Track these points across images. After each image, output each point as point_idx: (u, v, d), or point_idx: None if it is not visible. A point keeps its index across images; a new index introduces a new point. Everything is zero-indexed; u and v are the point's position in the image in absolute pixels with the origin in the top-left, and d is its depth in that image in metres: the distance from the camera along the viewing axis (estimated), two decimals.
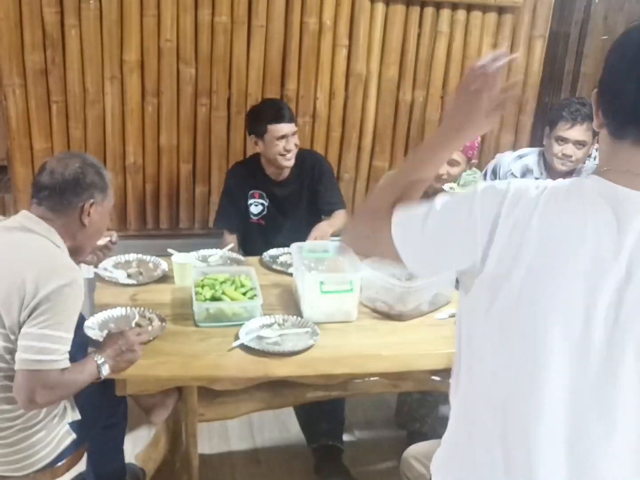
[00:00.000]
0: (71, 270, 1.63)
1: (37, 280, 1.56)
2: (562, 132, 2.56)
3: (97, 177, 1.75)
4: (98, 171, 1.77)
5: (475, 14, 3.21)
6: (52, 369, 1.56)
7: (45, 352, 1.54)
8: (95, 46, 2.83)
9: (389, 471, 2.49)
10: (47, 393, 1.56)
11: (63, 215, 1.71)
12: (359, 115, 3.24)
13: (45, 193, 1.70)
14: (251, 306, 1.99)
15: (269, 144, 2.61)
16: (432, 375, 2.12)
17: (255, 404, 2.03)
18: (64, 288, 1.56)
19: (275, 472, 2.46)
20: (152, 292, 2.16)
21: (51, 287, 1.55)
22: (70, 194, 1.70)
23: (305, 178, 2.78)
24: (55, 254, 1.66)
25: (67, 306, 1.58)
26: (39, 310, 1.54)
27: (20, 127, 2.88)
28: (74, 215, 1.72)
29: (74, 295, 1.60)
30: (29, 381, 1.55)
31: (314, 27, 3.03)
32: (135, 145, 3.02)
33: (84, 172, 1.72)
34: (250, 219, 2.78)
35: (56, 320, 1.56)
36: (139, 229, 3.17)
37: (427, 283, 2.12)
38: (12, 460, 1.68)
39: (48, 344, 1.55)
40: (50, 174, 1.70)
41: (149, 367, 1.77)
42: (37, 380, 1.54)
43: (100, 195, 1.76)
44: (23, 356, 1.54)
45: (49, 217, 1.70)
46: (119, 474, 2.10)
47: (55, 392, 1.59)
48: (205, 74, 2.99)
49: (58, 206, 1.70)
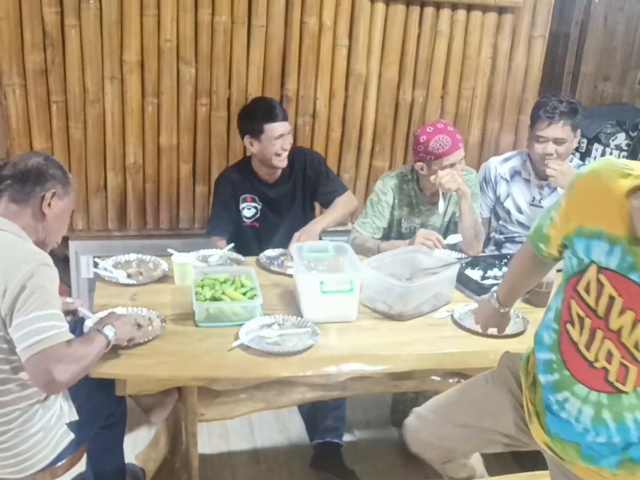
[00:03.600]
0: (36, 253, 1.64)
1: (6, 274, 1.56)
2: (541, 132, 2.56)
3: (60, 172, 1.78)
4: (61, 167, 1.80)
5: (475, 14, 3.21)
6: (55, 343, 1.55)
7: (43, 331, 1.54)
8: (95, 46, 2.83)
9: (388, 471, 2.49)
10: (62, 368, 1.54)
11: (25, 206, 1.71)
12: (358, 115, 3.23)
13: (7, 182, 1.71)
14: (251, 306, 1.99)
15: (265, 144, 2.58)
16: (432, 375, 2.12)
17: (255, 404, 2.03)
18: (35, 271, 1.57)
19: (275, 472, 2.46)
20: (152, 292, 2.16)
21: (21, 275, 1.55)
22: (32, 182, 1.71)
23: (297, 178, 2.75)
24: (17, 243, 1.67)
25: (45, 285, 1.59)
26: (20, 300, 1.55)
27: (20, 127, 2.88)
28: (35, 205, 1.72)
29: (48, 275, 1.61)
30: (39, 363, 1.53)
31: (314, 27, 3.03)
32: (135, 145, 3.02)
33: (48, 164, 1.76)
34: (244, 222, 2.75)
35: (41, 301, 1.56)
36: (139, 229, 3.17)
37: (427, 283, 2.12)
38: (11, 463, 1.68)
39: (42, 323, 1.55)
40: (13, 166, 1.73)
41: (149, 367, 1.77)
42: (46, 359, 1.53)
43: (62, 190, 1.77)
44: (23, 345, 1.54)
45: (12, 211, 1.70)
46: (118, 474, 2.10)
47: (70, 365, 1.56)
48: (205, 74, 2.99)
49: (19, 195, 1.70)
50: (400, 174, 2.65)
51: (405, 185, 2.62)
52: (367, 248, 2.52)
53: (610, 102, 4.20)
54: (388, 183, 2.62)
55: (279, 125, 2.57)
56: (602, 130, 4.04)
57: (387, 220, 2.63)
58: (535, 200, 2.74)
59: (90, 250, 3.07)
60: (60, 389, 1.65)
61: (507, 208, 2.78)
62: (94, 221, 3.09)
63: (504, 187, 2.77)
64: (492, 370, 1.76)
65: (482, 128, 3.45)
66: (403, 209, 2.63)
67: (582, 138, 4.06)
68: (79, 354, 1.59)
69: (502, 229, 2.83)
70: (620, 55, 4.12)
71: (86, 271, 3.05)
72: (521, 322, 2.07)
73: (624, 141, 4.09)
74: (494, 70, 3.35)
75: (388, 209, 2.61)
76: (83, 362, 1.60)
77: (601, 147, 4.07)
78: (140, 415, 2.14)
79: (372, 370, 1.94)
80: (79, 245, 3.09)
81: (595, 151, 4.06)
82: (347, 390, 2.09)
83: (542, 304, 2.20)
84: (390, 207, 2.62)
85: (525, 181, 2.74)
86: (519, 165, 2.76)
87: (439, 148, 2.42)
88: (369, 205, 2.63)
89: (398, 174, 2.65)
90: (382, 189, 2.62)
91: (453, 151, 2.43)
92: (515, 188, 2.75)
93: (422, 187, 2.61)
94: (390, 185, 2.61)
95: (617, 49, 4.10)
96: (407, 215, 2.64)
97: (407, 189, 2.62)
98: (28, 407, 1.67)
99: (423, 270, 2.23)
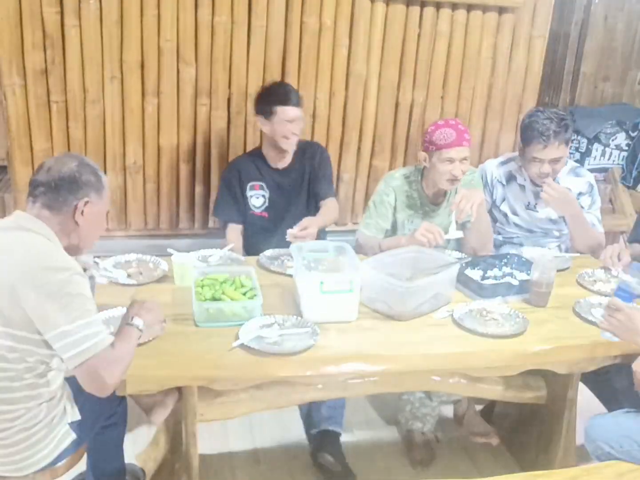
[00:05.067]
0: (69, 262, 1.64)
1: (38, 278, 1.56)
2: (537, 153, 2.52)
3: (94, 177, 1.75)
4: (95, 172, 1.77)
5: (475, 14, 3.21)
6: (102, 349, 1.58)
7: (89, 339, 1.57)
8: (95, 46, 2.83)
9: (389, 471, 2.49)
10: (112, 371, 1.59)
11: (58, 213, 1.70)
12: (359, 115, 3.24)
13: (41, 189, 1.69)
14: (251, 306, 1.99)
15: (275, 126, 2.65)
16: (432, 375, 2.12)
17: (255, 404, 2.03)
18: (70, 280, 1.58)
19: (275, 472, 2.46)
20: (152, 292, 2.16)
21: (55, 283, 1.56)
22: (66, 191, 1.70)
23: (306, 167, 2.80)
24: (49, 248, 1.66)
25: (83, 293, 1.61)
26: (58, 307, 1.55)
27: (20, 127, 2.88)
28: (68, 213, 1.71)
29: (83, 283, 1.63)
30: (90, 370, 1.57)
31: (314, 27, 3.03)
32: (135, 145, 3.02)
33: (81, 171, 1.72)
34: (252, 212, 2.80)
35: (82, 310, 1.58)
36: (139, 229, 3.17)
37: (427, 283, 2.12)
38: (12, 461, 1.68)
39: (87, 331, 1.57)
40: (47, 171, 1.71)
41: (149, 367, 1.77)
42: (96, 366, 1.57)
43: (95, 196, 1.75)
44: (70, 353, 1.56)
45: (45, 216, 1.69)
46: (118, 474, 2.10)
47: (118, 366, 1.61)
48: (205, 74, 2.99)
49: (53, 203, 1.69)
50: (403, 175, 2.64)
51: (407, 186, 2.61)
52: (369, 247, 2.53)
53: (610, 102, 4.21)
54: (390, 184, 2.61)
55: (291, 109, 2.64)
56: (602, 130, 4.04)
57: (390, 222, 2.63)
58: (531, 205, 2.73)
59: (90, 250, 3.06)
60: (112, 391, 1.68)
61: (504, 211, 2.77)
62: None
63: (500, 190, 2.77)
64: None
65: (482, 128, 3.45)
66: (405, 210, 2.62)
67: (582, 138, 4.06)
68: (122, 353, 1.64)
69: (500, 230, 2.83)
70: (620, 55, 4.12)
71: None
72: (521, 322, 2.07)
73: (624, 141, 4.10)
74: (494, 70, 3.35)
75: (391, 209, 2.61)
76: (127, 360, 1.66)
77: (601, 147, 4.08)
78: (140, 415, 2.14)
79: (372, 370, 1.94)
80: None
81: (595, 151, 4.07)
82: (347, 390, 2.09)
83: (542, 304, 2.20)
84: (393, 208, 2.62)
85: (520, 187, 2.73)
86: (514, 170, 2.74)
87: (441, 139, 2.43)
88: (372, 206, 2.63)
89: (401, 176, 2.64)
90: (385, 190, 2.61)
91: (455, 145, 2.42)
92: (510, 192, 2.75)
93: (425, 186, 2.60)
94: (392, 186, 2.60)
95: (617, 49, 4.10)
96: (411, 217, 2.63)
97: (409, 190, 2.61)
98: (35, 406, 1.67)
99: (423, 270, 2.23)
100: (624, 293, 2.06)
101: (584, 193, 2.68)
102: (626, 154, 4.08)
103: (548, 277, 2.18)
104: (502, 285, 2.27)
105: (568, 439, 2.26)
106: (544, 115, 2.52)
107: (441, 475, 2.32)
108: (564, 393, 2.22)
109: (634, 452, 1.88)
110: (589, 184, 2.69)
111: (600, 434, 1.96)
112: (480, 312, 2.12)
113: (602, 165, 4.12)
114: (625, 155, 4.09)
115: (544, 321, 2.11)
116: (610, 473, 1.72)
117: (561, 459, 2.25)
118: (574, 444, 2.29)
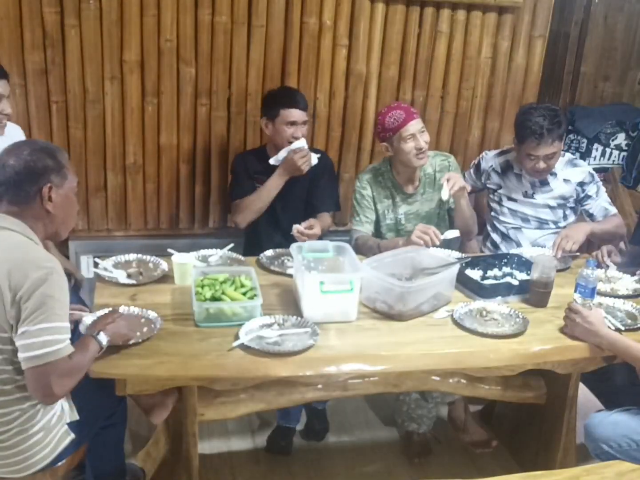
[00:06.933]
0: (47, 260, 1.62)
1: (14, 277, 1.55)
2: (531, 150, 2.57)
3: (51, 160, 1.70)
4: (50, 153, 1.72)
5: (475, 14, 3.21)
6: (59, 357, 1.56)
7: (48, 345, 1.55)
8: (95, 46, 2.83)
9: (388, 471, 2.49)
10: (62, 383, 1.58)
11: (26, 207, 1.68)
12: (359, 115, 3.24)
13: (2, 188, 1.67)
14: (251, 306, 1.99)
15: (278, 128, 2.66)
16: (432, 375, 2.13)
17: (255, 404, 2.03)
18: (45, 279, 1.56)
19: (275, 472, 2.46)
20: (152, 292, 2.16)
21: (31, 282, 1.54)
22: (26, 184, 1.67)
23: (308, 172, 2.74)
24: (27, 246, 1.65)
25: (54, 295, 1.58)
26: (29, 308, 1.54)
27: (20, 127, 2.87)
28: (36, 204, 1.69)
29: (58, 284, 1.60)
30: (41, 377, 1.55)
31: (314, 26, 3.03)
32: (135, 145, 3.02)
33: (34, 158, 1.68)
34: None
35: (49, 313, 1.56)
36: (139, 229, 3.17)
37: (427, 283, 2.12)
38: (11, 462, 1.68)
39: (48, 337, 1.55)
40: (3, 169, 1.67)
41: (149, 367, 1.77)
42: (49, 374, 1.55)
43: (57, 178, 1.71)
44: (27, 355, 1.54)
45: (14, 212, 1.67)
46: (118, 473, 2.10)
47: (70, 379, 1.60)
48: (205, 74, 2.99)
49: (17, 198, 1.67)
50: (373, 168, 2.73)
51: (380, 177, 2.69)
52: (368, 247, 2.54)
53: (610, 102, 4.20)
54: (364, 178, 2.70)
55: (295, 112, 2.65)
56: (602, 130, 4.03)
57: (374, 213, 2.68)
58: (528, 194, 2.76)
59: (90, 250, 3.07)
60: (56, 401, 1.67)
61: (499, 197, 2.81)
62: (94, 221, 3.09)
63: (496, 178, 2.81)
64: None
65: (482, 128, 3.45)
66: (383, 201, 2.68)
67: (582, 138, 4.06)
68: (79, 366, 1.63)
69: (495, 222, 2.84)
70: (620, 55, 4.12)
71: (86, 271, 3.04)
72: (521, 322, 2.07)
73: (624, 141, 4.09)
74: (494, 70, 3.35)
75: (371, 201, 2.68)
76: (79, 372, 1.64)
77: (601, 147, 4.07)
78: (140, 415, 2.14)
79: (372, 370, 1.95)
80: (79, 245, 3.08)
81: (595, 151, 4.06)
82: (347, 390, 2.09)
83: (542, 304, 2.20)
84: (372, 199, 2.68)
85: (517, 176, 2.77)
86: (512, 159, 2.78)
87: (393, 122, 2.51)
88: (356, 203, 2.70)
89: (371, 169, 2.73)
90: (361, 185, 2.69)
91: (408, 121, 2.51)
92: (507, 180, 2.79)
93: (396, 173, 2.66)
94: (366, 179, 2.69)
95: (617, 49, 4.10)
96: (389, 207, 2.68)
97: (382, 180, 2.68)
98: (30, 408, 1.67)
99: (423, 270, 2.23)
100: (583, 289, 2.10)
101: (587, 182, 2.72)
102: (626, 154, 4.08)
103: (548, 277, 2.18)
104: (502, 285, 2.27)
105: (568, 439, 2.27)
106: (537, 113, 2.56)
107: (441, 476, 2.32)
108: (564, 393, 2.22)
109: (632, 451, 1.89)
110: (589, 173, 2.73)
111: (599, 434, 1.97)
112: (480, 312, 2.12)
113: (602, 165, 4.12)
114: (625, 155, 4.09)
115: (544, 321, 2.11)
116: (610, 473, 1.71)
117: (561, 458, 2.25)
118: (574, 443, 2.30)
